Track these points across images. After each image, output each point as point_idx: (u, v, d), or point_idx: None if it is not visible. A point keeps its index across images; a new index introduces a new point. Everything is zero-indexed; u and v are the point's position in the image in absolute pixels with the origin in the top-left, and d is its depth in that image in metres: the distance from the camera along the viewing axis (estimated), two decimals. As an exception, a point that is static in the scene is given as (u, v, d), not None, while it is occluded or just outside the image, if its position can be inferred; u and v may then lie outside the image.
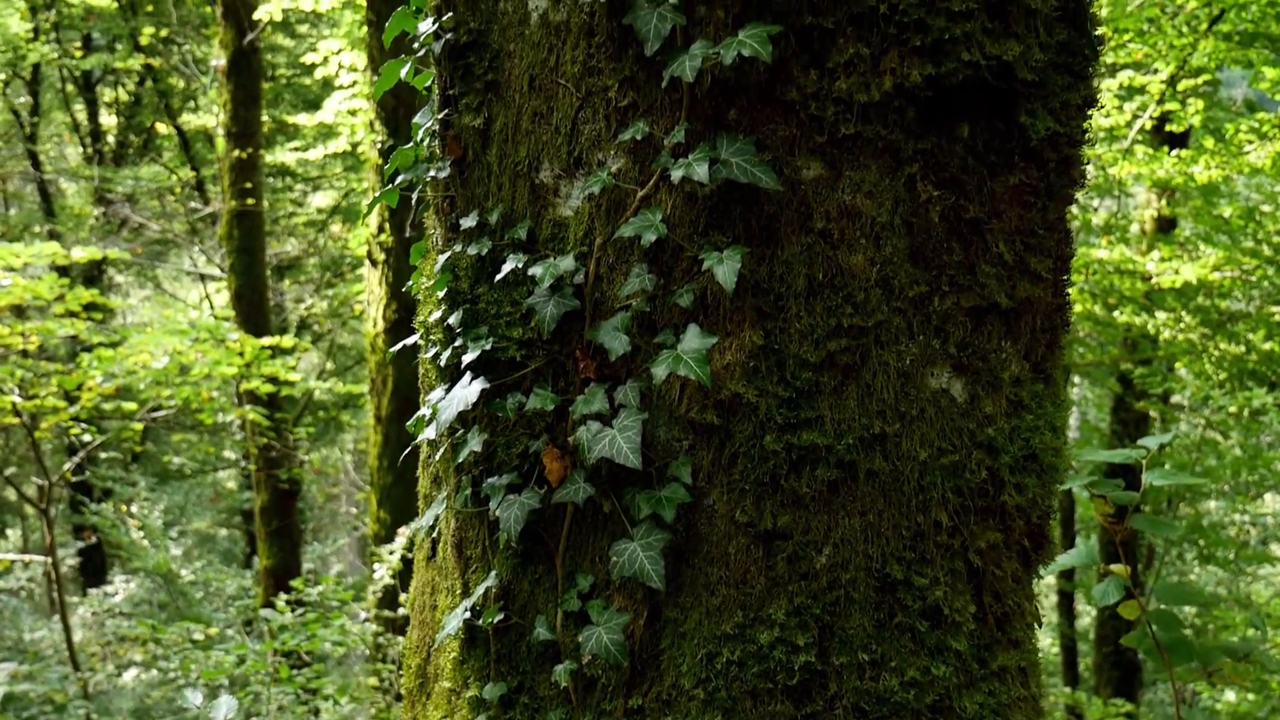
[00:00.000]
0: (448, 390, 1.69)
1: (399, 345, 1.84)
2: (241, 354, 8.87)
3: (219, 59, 10.16)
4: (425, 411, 1.77)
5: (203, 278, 12.89)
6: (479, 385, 1.61)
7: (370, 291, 8.38)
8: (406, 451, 1.92)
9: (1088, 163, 1.78)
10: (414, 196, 1.85)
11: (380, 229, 8.38)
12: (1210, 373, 10.74)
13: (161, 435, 12.74)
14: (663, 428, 1.59)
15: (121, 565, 11.59)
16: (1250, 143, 8.69)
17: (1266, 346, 10.14)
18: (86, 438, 8.64)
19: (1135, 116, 8.95)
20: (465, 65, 1.66)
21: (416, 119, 1.77)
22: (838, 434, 1.56)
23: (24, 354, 8.81)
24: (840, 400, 1.56)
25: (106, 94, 13.90)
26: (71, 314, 8.65)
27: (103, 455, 12.14)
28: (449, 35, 1.65)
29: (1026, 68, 1.56)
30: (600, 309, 1.60)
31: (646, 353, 1.58)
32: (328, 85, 10.57)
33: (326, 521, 15.57)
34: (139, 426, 9.45)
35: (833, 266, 1.54)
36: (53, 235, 12.48)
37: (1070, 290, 1.74)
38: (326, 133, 10.56)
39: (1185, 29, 7.58)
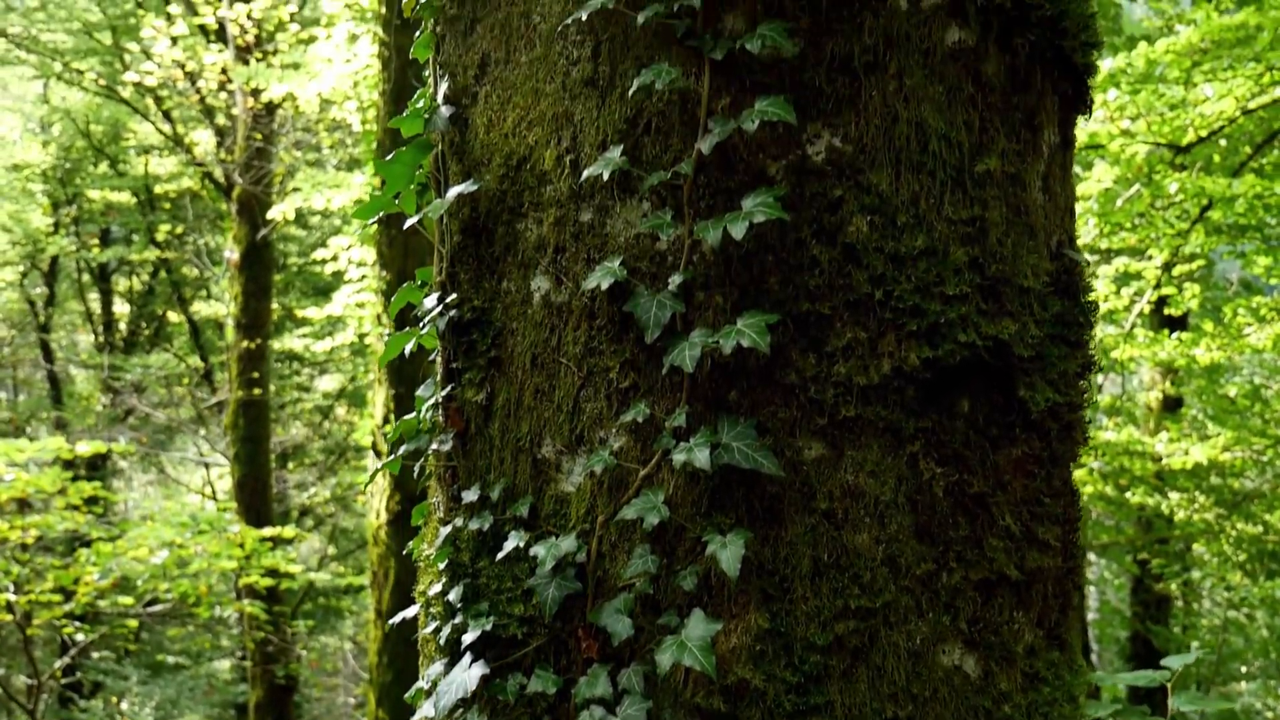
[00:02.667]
0: (447, 668, 1.64)
1: (398, 617, 1.79)
2: (242, 545, 8.79)
3: (232, 252, 10.44)
4: (424, 684, 1.72)
5: (206, 465, 12.90)
6: (479, 670, 1.56)
7: (374, 483, 8.34)
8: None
9: (1090, 420, 1.78)
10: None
11: (385, 420, 8.41)
12: (1229, 553, 10.58)
13: (156, 626, 12.49)
14: (668, 711, 1.54)
15: (110, 766, 11.16)
16: (1249, 325, 8.79)
17: (1283, 526, 10.01)
18: (80, 636, 8.47)
19: (1133, 301, 9.10)
20: (469, 341, 1.68)
21: (420, 391, 1.78)
22: (849, 720, 1.50)
23: (23, 547, 8.73)
24: (850, 684, 1.52)
25: (121, 283, 14.23)
26: (73, 507, 8.62)
27: (95, 654, 11.87)
28: (453, 312, 1.68)
29: (1023, 344, 1.57)
30: (602, 588, 1.57)
31: (650, 634, 1.55)
32: (338, 274, 10.81)
33: (323, 713, 15.08)
34: (134, 623, 9.27)
35: (838, 547, 1.52)
36: (59, 423, 12.55)
37: (1078, 556, 1.72)
38: (335, 323, 10.74)
39: (1175, 220, 7.77)
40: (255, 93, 9.33)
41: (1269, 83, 7.47)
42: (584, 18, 1.53)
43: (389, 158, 1.72)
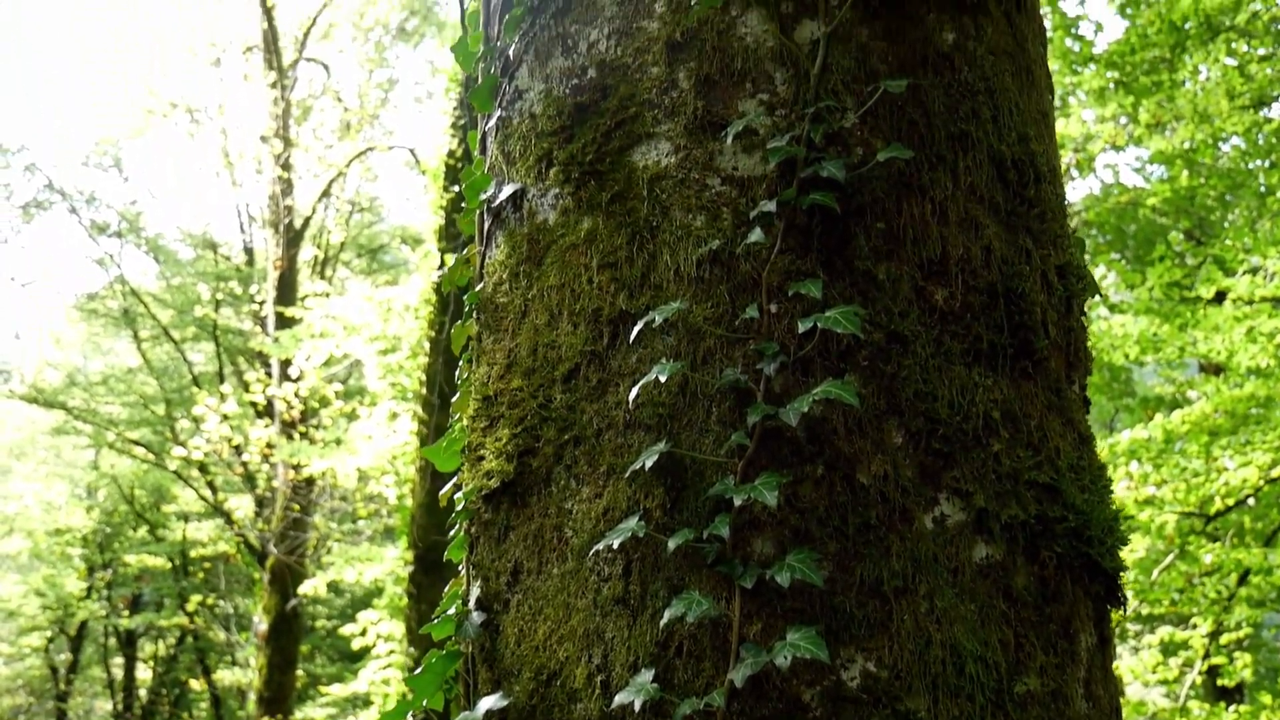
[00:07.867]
0: None
1: None
2: None
3: (261, 622, 10.34)
4: None
5: None
6: None
7: None
8: None
9: None
10: None
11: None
12: None
13: None
14: None
15: None
16: (1313, 701, 8.37)
17: None
18: None
19: (1183, 672, 8.73)
20: None
21: None
22: None
23: None
24: None
25: (146, 648, 14.03)
26: None
27: None
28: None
29: None
30: None
31: None
32: (365, 649, 10.62)
33: None
34: None
35: None
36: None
37: None
38: (359, 697, 10.44)
39: (1215, 591, 7.61)
40: (297, 466, 9.61)
41: (1291, 453, 7.54)
42: (615, 544, 1.58)
43: (418, 671, 1.71)
